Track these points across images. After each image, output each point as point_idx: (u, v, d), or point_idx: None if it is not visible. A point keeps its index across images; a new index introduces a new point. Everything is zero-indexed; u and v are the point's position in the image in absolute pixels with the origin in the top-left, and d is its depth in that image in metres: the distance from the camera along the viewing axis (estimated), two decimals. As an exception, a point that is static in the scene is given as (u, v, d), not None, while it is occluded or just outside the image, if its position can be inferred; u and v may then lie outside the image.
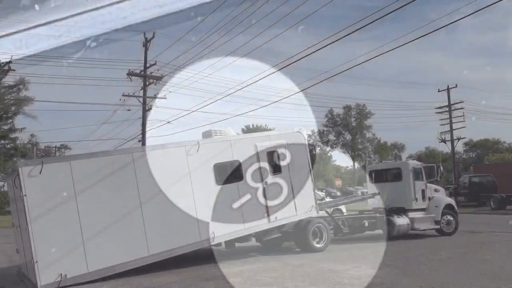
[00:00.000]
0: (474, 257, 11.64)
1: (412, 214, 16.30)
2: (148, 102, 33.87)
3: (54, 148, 70.81)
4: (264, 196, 12.64)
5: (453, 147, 47.20)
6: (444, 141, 47.34)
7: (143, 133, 33.56)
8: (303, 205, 13.36)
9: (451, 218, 16.71)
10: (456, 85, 48.23)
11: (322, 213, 15.24)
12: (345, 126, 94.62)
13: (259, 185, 12.66)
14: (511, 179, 33.74)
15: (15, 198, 10.69)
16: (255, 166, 12.70)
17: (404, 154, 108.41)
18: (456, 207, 17.36)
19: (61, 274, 9.65)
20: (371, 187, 18.36)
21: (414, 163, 17.25)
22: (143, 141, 33.29)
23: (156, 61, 34.07)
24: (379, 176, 18.24)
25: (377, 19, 13.90)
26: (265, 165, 12.86)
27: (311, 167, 13.93)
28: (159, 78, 33.54)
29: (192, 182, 11.65)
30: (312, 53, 17.92)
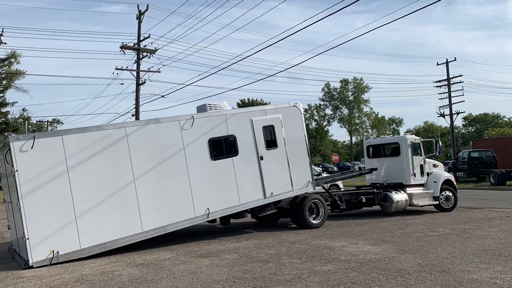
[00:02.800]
0: (473, 233, 11.51)
1: (410, 190, 16.19)
2: (142, 75, 33.51)
3: (46, 123, 70.66)
4: (260, 171, 12.47)
5: (452, 121, 47.04)
6: (443, 115, 47.14)
7: (137, 107, 33.30)
8: (299, 181, 13.22)
9: (450, 194, 16.61)
10: (455, 58, 47.88)
11: (319, 188, 15.13)
12: (342, 100, 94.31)
13: (255, 160, 12.47)
14: (511, 154, 33.59)
15: (7, 174, 10.55)
16: (251, 140, 12.51)
17: (402, 128, 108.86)
18: (455, 183, 17.23)
19: (53, 251, 9.57)
20: (368, 162, 18.19)
21: (412, 137, 17.01)
22: (136, 115, 33.05)
23: (150, 34, 33.66)
24: (376, 151, 18.07)
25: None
26: (261, 139, 12.67)
27: (307, 141, 13.73)
28: (152, 52, 33.15)
29: (187, 157, 11.47)
30: (308, 26, 17.66)
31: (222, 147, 12.13)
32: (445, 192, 16.56)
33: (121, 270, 8.75)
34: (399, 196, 15.77)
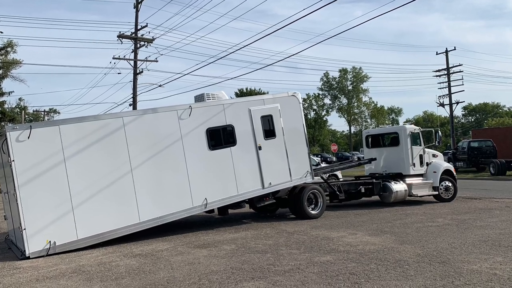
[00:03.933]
0: (473, 224, 11.46)
1: (409, 180, 16.11)
2: (139, 65, 33.34)
3: (43, 112, 70.48)
4: (258, 161, 12.38)
5: (451, 111, 46.94)
6: (442, 105, 47.01)
7: (134, 96, 33.14)
8: (298, 171, 13.14)
9: (450, 184, 16.54)
10: (455, 47, 47.65)
11: (318, 179, 15.04)
12: (341, 89, 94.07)
13: (253, 150, 12.38)
14: (511, 144, 33.46)
15: (3, 164, 10.46)
16: (249, 130, 12.41)
17: (402, 118, 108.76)
18: (454, 173, 17.15)
19: (49, 241, 9.54)
20: (367, 152, 18.10)
21: (411, 127, 16.89)
22: (134, 105, 32.89)
23: (147, 23, 33.50)
24: (375, 141, 17.97)
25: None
26: (259, 129, 12.57)
27: (305, 131, 13.64)
28: (150, 41, 32.96)
29: (184, 147, 11.38)
30: (307, 15, 17.40)
31: (220, 137, 12.05)
32: (445, 182, 16.48)
33: (118, 261, 8.69)
34: (398, 186, 15.70)
